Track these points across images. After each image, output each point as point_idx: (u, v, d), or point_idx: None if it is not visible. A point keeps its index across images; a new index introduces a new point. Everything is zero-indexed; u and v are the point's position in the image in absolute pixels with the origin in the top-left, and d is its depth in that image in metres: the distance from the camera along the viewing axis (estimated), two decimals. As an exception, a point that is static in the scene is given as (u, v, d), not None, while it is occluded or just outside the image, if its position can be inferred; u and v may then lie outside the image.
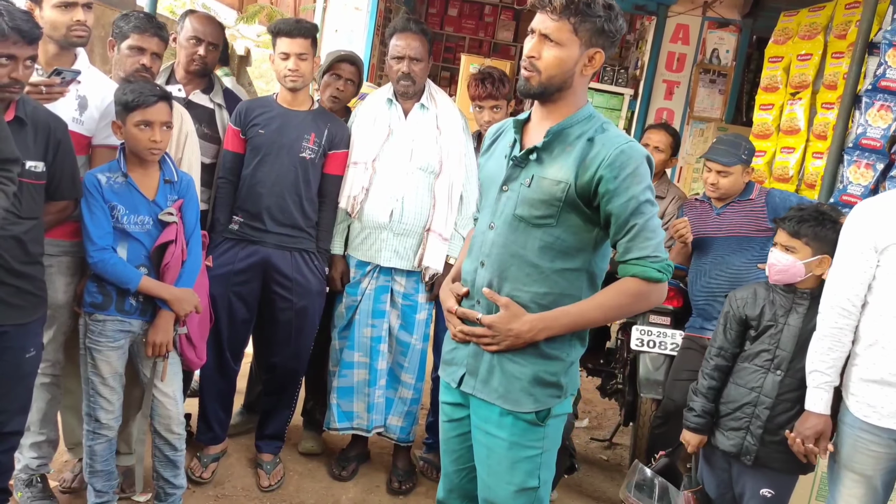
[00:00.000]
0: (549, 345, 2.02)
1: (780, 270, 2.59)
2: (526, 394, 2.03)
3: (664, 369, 3.52)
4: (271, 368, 3.43)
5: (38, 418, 2.78)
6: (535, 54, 1.97)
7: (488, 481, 2.10)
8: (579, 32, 1.93)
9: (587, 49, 1.96)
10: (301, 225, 3.21)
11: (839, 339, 2.41)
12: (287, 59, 3.13)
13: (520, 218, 2.01)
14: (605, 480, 3.77)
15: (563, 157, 1.98)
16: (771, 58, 4.36)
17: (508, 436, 2.04)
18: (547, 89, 1.98)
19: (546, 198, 1.98)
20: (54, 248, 2.66)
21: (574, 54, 1.95)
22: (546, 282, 2.01)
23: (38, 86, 2.50)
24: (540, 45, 1.97)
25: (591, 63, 1.98)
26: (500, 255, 2.04)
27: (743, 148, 3.31)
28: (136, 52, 2.86)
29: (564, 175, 1.96)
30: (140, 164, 2.65)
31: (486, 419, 2.08)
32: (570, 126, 2.01)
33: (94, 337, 2.63)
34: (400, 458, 3.50)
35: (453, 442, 2.24)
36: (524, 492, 2.05)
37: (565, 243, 2.00)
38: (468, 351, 2.11)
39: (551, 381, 2.04)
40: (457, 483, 2.27)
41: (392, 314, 3.35)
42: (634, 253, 1.94)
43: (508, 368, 2.03)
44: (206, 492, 3.20)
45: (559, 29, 1.93)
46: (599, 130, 2.00)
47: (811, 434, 2.43)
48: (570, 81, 1.98)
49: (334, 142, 3.24)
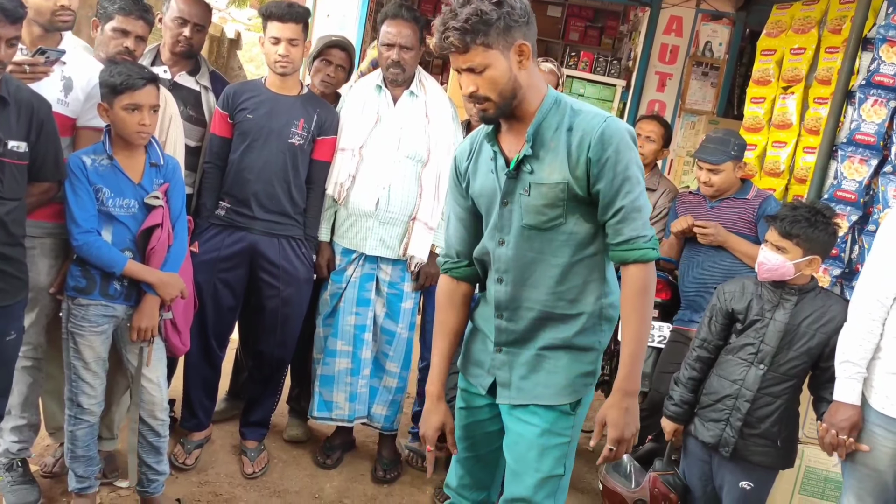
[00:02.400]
0: (581, 338, 2.05)
1: (769, 269, 2.59)
2: (565, 387, 2.05)
3: (651, 361, 3.52)
4: (257, 356, 3.40)
5: (19, 402, 2.75)
6: (474, 88, 1.95)
7: (515, 468, 2.10)
8: (491, 45, 1.90)
9: (509, 50, 1.93)
10: (289, 211, 3.19)
11: (872, 331, 2.40)
12: (277, 43, 3.09)
13: (529, 227, 2.02)
14: (591, 471, 3.77)
15: (550, 157, 1.98)
16: (763, 51, 4.34)
17: (541, 422, 2.05)
18: (507, 105, 1.97)
19: (549, 201, 1.98)
20: (37, 229, 2.62)
21: (503, 64, 1.92)
22: (568, 275, 2.02)
23: (22, 65, 2.47)
24: (469, 79, 1.95)
25: (522, 55, 1.95)
26: (518, 267, 2.05)
27: (732, 144, 3.30)
28: (119, 34, 2.81)
29: (559, 175, 1.96)
30: (126, 146, 2.62)
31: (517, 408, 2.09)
32: (542, 121, 1.99)
33: (77, 321, 2.60)
34: (385, 446, 3.49)
35: (470, 429, 2.24)
36: (550, 479, 2.06)
37: (579, 235, 2.01)
38: (498, 363, 2.12)
39: (588, 371, 2.08)
40: (469, 469, 2.27)
41: (377, 303, 3.33)
42: (625, 234, 1.94)
43: (545, 366, 2.06)
44: (189, 478, 3.18)
45: (474, 56, 1.91)
46: (573, 115, 1.99)
47: (846, 425, 2.41)
48: (517, 84, 1.96)
49: (323, 127, 3.21)
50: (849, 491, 2.48)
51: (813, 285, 2.64)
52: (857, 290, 2.46)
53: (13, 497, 2.75)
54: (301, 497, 3.19)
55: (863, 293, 2.43)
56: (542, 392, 2.05)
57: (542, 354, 2.06)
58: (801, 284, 2.61)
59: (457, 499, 2.31)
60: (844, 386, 2.43)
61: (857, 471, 2.45)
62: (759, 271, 2.62)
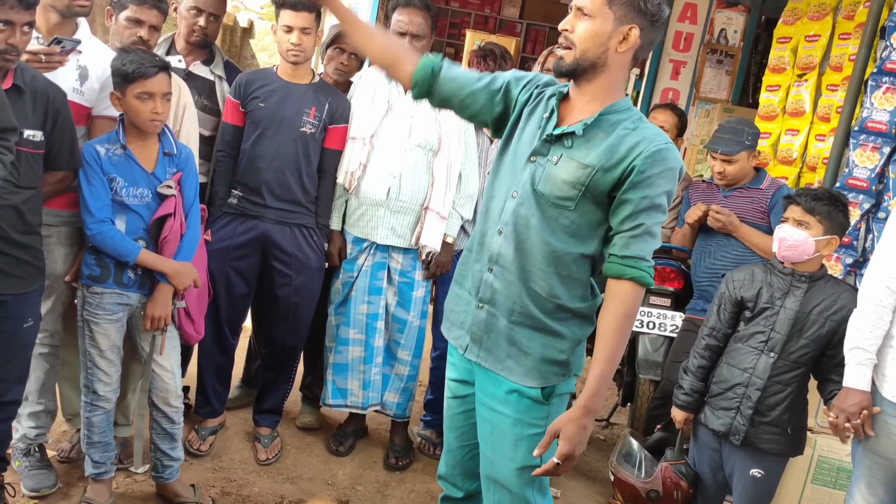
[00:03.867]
0: (558, 322, 2.02)
1: (790, 246, 2.57)
2: (533, 370, 2.03)
3: (663, 351, 3.52)
4: (270, 343, 3.43)
5: (37, 388, 2.79)
6: (569, 27, 1.95)
7: (491, 458, 2.11)
8: (612, 6, 1.91)
9: (621, 25, 1.92)
10: (300, 200, 3.20)
11: (882, 317, 2.39)
12: (290, 32, 3.08)
13: (540, 193, 1.99)
14: (602, 460, 3.78)
15: (595, 143, 1.95)
16: (779, 38, 4.31)
17: (513, 413, 2.05)
18: (580, 64, 1.95)
19: (571, 180, 1.95)
20: (53, 218, 2.65)
21: (607, 28, 1.92)
22: (559, 262, 1.99)
23: (38, 54, 2.48)
24: (574, 18, 1.95)
25: (626, 40, 1.93)
26: (521, 226, 2.01)
27: (746, 133, 3.27)
28: (133, 23, 2.82)
29: (593, 160, 1.94)
30: (139, 136, 2.63)
31: (491, 395, 2.09)
32: (609, 114, 1.98)
33: (92, 309, 2.63)
34: (397, 434, 3.51)
35: (458, 419, 2.25)
36: (526, 469, 2.05)
37: (581, 230, 1.98)
38: (477, 320, 2.10)
39: (559, 360, 2.04)
40: (459, 459, 2.29)
41: (389, 291, 3.34)
42: (632, 251, 1.91)
43: (518, 342, 2.03)
44: (203, 464, 3.21)
45: (592, 1, 1.92)
46: (639, 122, 1.98)
47: (856, 410, 2.40)
48: (604, 58, 1.94)
49: (335, 116, 3.21)
50: (859, 479, 2.48)
51: (823, 273, 2.63)
52: (867, 278, 2.45)
53: (30, 482, 2.78)
54: (314, 483, 3.22)
55: (872, 280, 2.42)
56: (512, 367, 2.03)
57: (516, 329, 2.03)
58: (811, 272, 2.59)
59: (449, 488, 2.33)
60: (854, 372, 2.42)
61: (867, 459, 2.45)
62: (779, 248, 2.59)
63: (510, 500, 2.09)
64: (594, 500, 3.46)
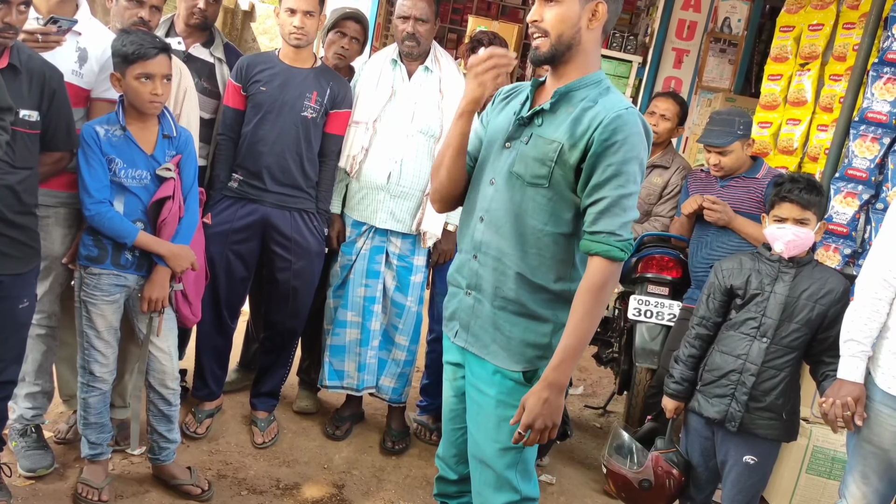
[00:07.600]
0: (540, 305, 2.04)
1: (797, 245, 2.61)
2: (516, 353, 2.05)
3: (660, 339, 3.52)
4: (269, 327, 3.43)
5: (34, 369, 2.79)
6: (538, 17, 1.98)
7: (477, 437, 2.14)
8: None
9: (588, 2, 1.96)
10: (301, 185, 3.19)
11: (878, 310, 2.39)
12: (293, 15, 3.07)
13: (516, 175, 2.02)
14: (598, 448, 3.80)
15: (562, 118, 1.98)
16: (782, 27, 4.28)
17: (496, 393, 2.07)
18: (558, 49, 1.97)
19: (540, 156, 1.97)
20: (51, 198, 2.65)
21: (575, 8, 1.95)
22: (538, 243, 2.00)
23: (34, 34, 2.47)
24: (541, 8, 1.98)
25: (594, 17, 1.97)
26: (499, 210, 2.04)
27: (738, 123, 3.25)
28: (134, 4, 2.82)
29: (559, 135, 1.96)
30: (139, 117, 2.62)
31: (478, 376, 2.12)
32: (577, 88, 2.00)
33: (90, 290, 2.63)
34: (394, 418, 3.52)
35: (452, 402, 2.29)
36: (509, 450, 2.07)
37: (557, 207, 1.99)
38: (465, 306, 2.14)
39: (541, 343, 2.05)
40: (453, 441, 2.32)
41: (387, 275, 3.34)
42: (600, 226, 1.91)
43: (501, 326, 2.06)
44: (200, 447, 3.22)
45: None
46: (605, 93, 1.99)
47: (849, 400, 2.40)
48: (578, 37, 1.97)
49: (336, 101, 3.20)
50: (853, 469, 2.49)
51: (809, 258, 2.66)
52: (864, 270, 2.45)
53: (27, 462, 2.79)
54: (310, 467, 3.23)
55: (869, 273, 2.43)
56: (496, 351, 2.06)
57: (499, 314, 2.05)
58: (799, 257, 2.63)
59: (445, 470, 2.36)
60: (848, 364, 2.43)
61: (861, 448, 2.45)
62: (787, 249, 2.61)
63: (494, 480, 2.11)
64: (589, 487, 3.47)
